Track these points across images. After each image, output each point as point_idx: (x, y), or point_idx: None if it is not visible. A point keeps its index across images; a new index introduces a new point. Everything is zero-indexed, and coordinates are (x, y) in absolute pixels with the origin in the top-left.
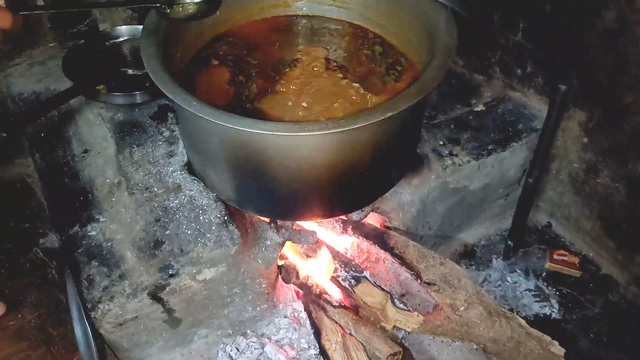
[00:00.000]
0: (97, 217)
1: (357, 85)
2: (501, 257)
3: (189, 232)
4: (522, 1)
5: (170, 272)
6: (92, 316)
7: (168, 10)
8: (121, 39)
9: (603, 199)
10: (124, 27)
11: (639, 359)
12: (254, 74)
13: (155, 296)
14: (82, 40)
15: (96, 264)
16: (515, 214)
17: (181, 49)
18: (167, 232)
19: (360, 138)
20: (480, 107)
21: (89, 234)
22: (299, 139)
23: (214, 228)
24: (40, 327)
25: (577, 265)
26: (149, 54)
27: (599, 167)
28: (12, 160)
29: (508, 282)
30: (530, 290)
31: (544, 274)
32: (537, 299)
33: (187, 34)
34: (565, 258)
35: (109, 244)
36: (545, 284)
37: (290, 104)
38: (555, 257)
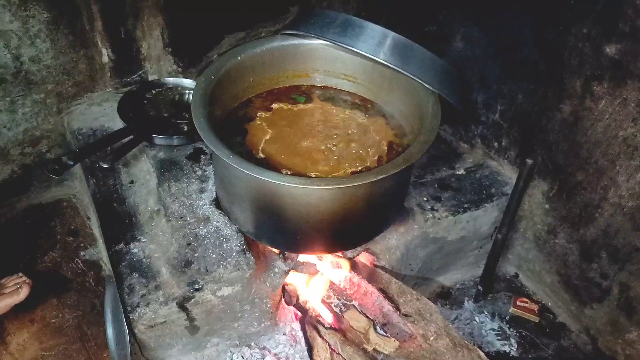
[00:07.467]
0: (139, 237)
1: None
2: (472, 300)
3: (213, 256)
4: (500, 90)
5: (196, 287)
6: (131, 317)
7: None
8: (166, 88)
9: (560, 257)
10: (170, 78)
11: None
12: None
13: (182, 306)
14: (134, 87)
15: (136, 275)
16: (486, 264)
17: (220, 108)
18: (196, 255)
19: (357, 193)
20: (461, 171)
21: (132, 250)
22: (309, 190)
23: (234, 254)
24: (77, 326)
25: (537, 312)
26: (197, 114)
27: (557, 230)
28: (62, 182)
29: (476, 321)
30: (494, 329)
31: (508, 317)
32: (499, 337)
33: (225, 97)
34: (526, 305)
35: (148, 260)
36: (507, 325)
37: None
38: (518, 303)
